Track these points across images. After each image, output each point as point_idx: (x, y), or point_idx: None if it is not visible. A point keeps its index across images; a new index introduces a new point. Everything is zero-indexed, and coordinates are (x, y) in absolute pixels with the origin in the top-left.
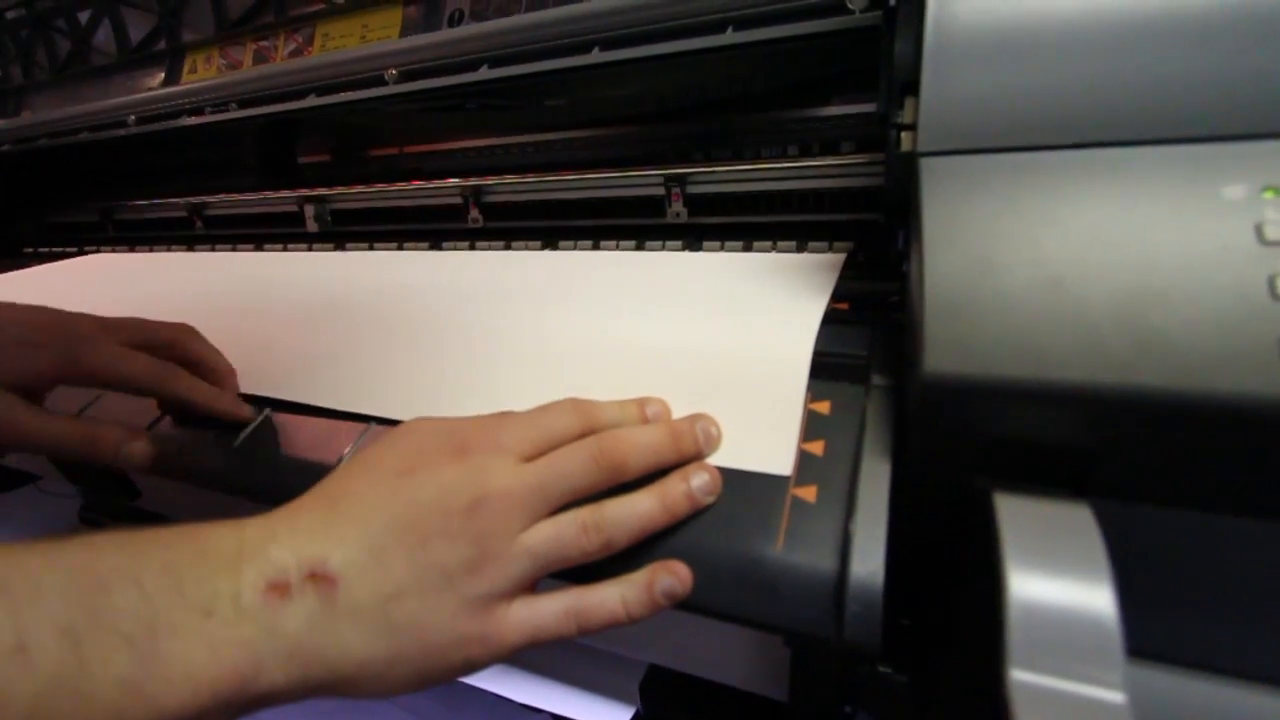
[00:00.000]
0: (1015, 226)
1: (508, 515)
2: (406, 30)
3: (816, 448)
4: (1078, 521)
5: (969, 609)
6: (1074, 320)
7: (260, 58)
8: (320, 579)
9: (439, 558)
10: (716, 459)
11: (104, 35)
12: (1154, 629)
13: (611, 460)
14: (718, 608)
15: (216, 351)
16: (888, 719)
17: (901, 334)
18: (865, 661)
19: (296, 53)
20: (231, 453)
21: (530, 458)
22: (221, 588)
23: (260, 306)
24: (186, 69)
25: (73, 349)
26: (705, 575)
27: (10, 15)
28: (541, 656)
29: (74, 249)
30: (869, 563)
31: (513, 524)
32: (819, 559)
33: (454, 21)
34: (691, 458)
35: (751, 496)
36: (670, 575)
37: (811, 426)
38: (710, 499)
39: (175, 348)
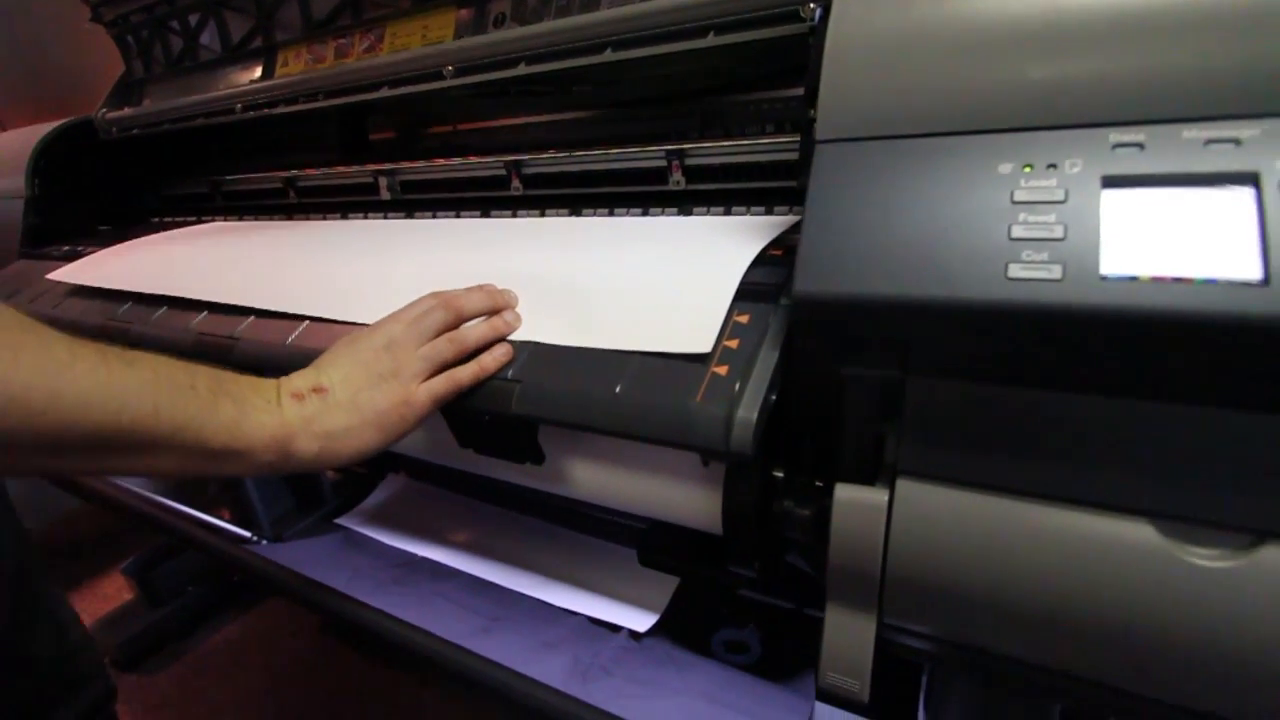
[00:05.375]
0: (863, 191)
1: (405, 344)
2: (459, 31)
3: (734, 344)
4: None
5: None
6: (892, 255)
7: (340, 53)
8: (319, 390)
9: (375, 370)
10: (664, 346)
11: (209, 35)
12: (939, 458)
13: (452, 306)
14: (660, 436)
15: None
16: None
17: None
18: (738, 462)
19: (370, 49)
20: None
21: (413, 321)
22: (270, 396)
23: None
24: (280, 63)
25: None
26: (653, 418)
27: (134, 19)
28: (579, 566)
29: (192, 218)
30: (748, 410)
31: (410, 347)
32: (720, 407)
33: (498, 23)
34: (504, 307)
35: (685, 371)
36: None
37: (734, 330)
38: (513, 327)
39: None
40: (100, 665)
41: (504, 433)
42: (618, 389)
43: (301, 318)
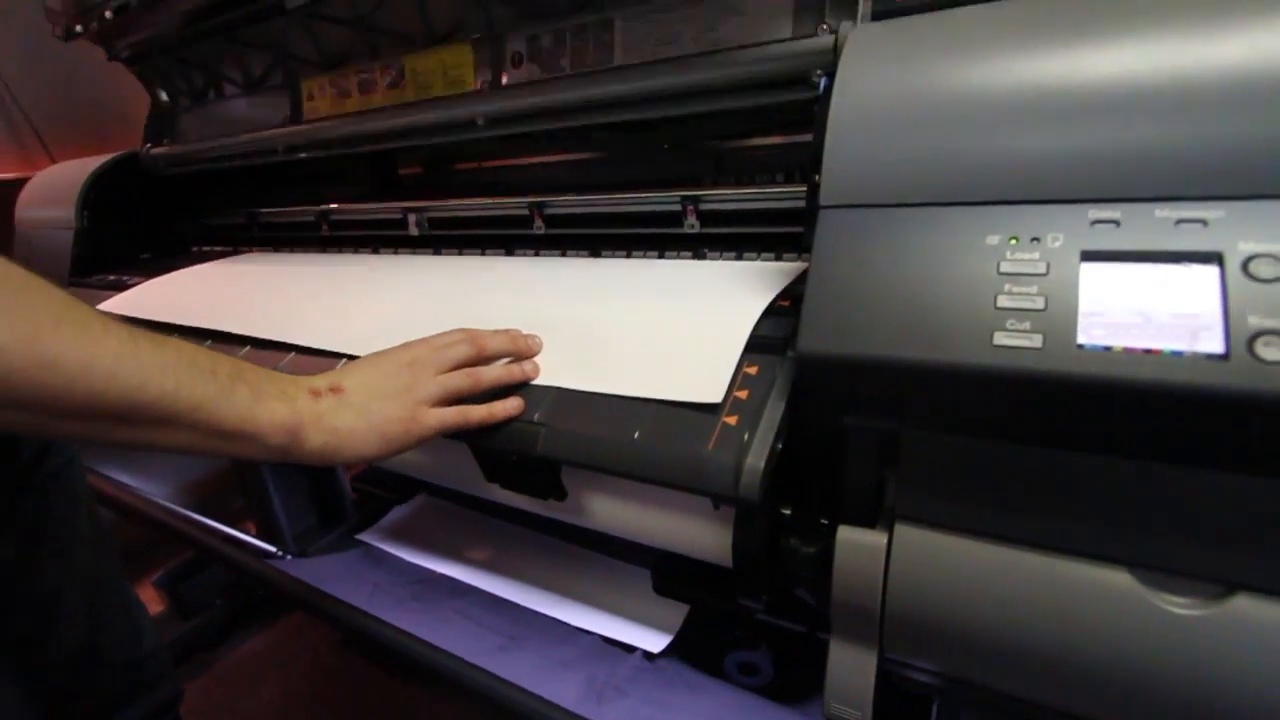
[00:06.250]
0: (863, 256)
1: (425, 367)
2: (478, 67)
3: (743, 395)
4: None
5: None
6: (888, 318)
7: (364, 88)
8: (336, 389)
9: (392, 383)
10: (679, 395)
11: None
12: (934, 505)
13: (477, 343)
14: (675, 481)
15: None
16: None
17: None
18: (752, 513)
19: (394, 84)
20: None
21: (437, 348)
22: (288, 389)
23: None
24: (305, 94)
25: None
26: (669, 464)
27: (152, 58)
28: (593, 586)
29: (230, 248)
30: (756, 457)
31: (428, 371)
32: (730, 456)
33: (515, 62)
34: (526, 353)
35: (698, 420)
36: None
37: (744, 381)
38: (530, 377)
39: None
40: (170, 668)
41: (529, 471)
42: (636, 435)
43: (339, 355)
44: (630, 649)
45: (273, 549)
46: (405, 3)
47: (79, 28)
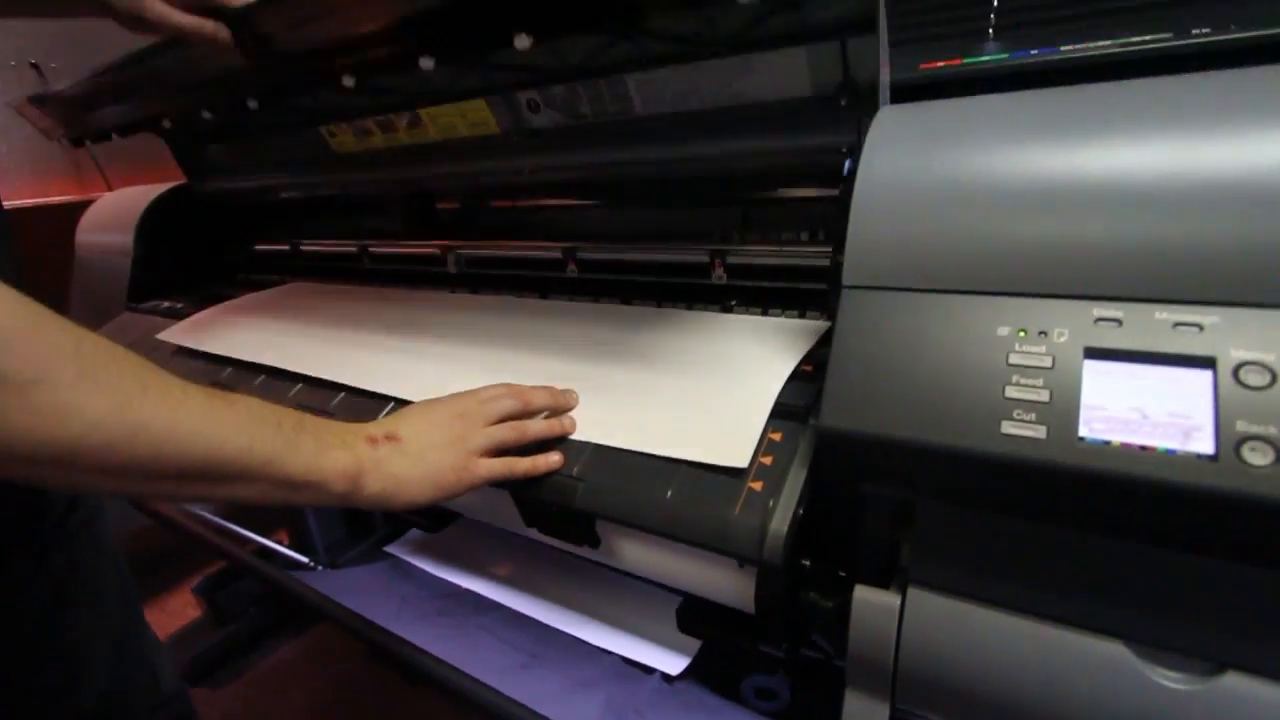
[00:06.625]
0: (882, 337)
1: (475, 419)
2: (497, 116)
3: (768, 460)
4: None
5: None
6: (904, 400)
7: (385, 128)
8: (393, 437)
9: (444, 433)
10: (708, 458)
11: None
12: (945, 572)
13: (522, 398)
14: (704, 541)
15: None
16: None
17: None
18: (775, 575)
19: (413, 124)
20: None
21: (485, 401)
22: (347, 438)
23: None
24: (325, 133)
25: None
26: (698, 524)
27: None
28: (614, 606)
29: (276, 276)
30: (779, 522)
31: (477, 422)
32: (755, 520)
33: (532, 108)
34: (564, 408)
35: (726, 484)
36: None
37: (769, 447)
38: (569, 431)
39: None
40: (189, 710)
41: (566, 521)
42: (668, 494)
43: (387, 398)
44: (649, 670)
45: (306, 560)
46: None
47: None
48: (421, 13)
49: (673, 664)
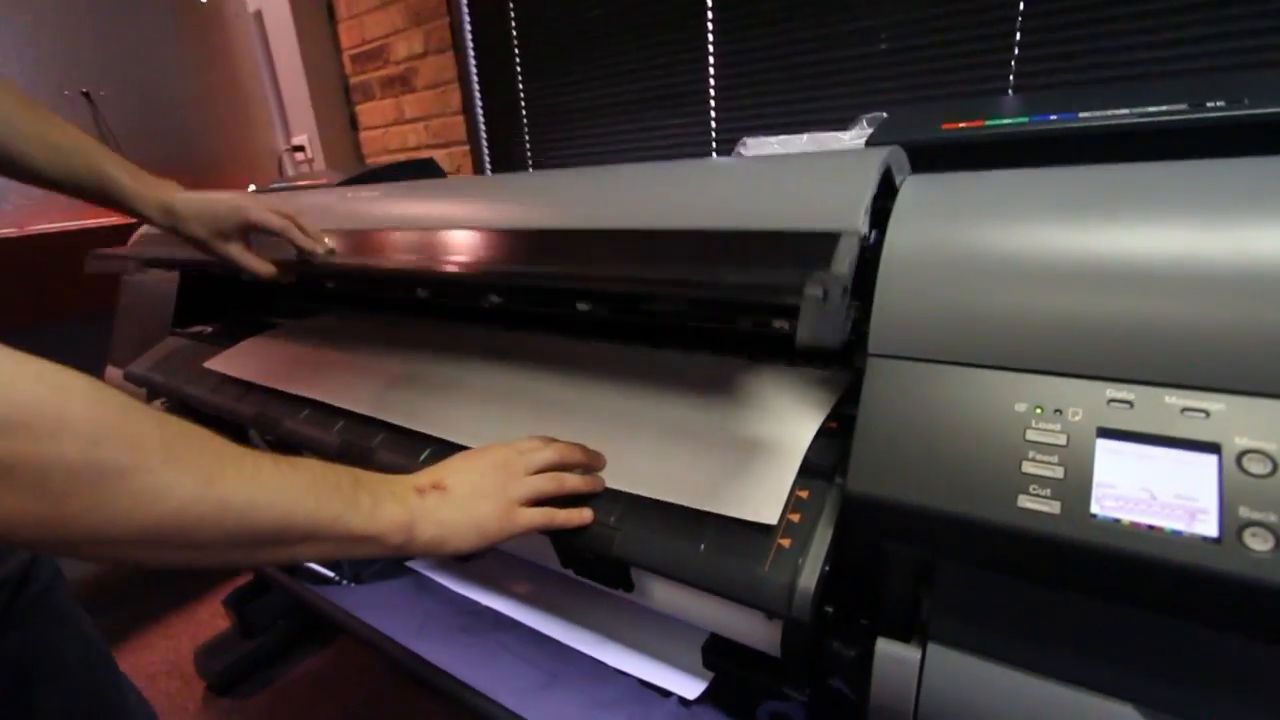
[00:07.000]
0: (906, 407)
1: (516, 469)
2: None
3: (796, 518)
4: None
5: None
6: (926, 469)
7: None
8: (439, 487)
9: (488, 483)
10: (739, 513)
11: None
12: (963, 630)
13: (560, 451)
14: (735, 595)
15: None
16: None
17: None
18: (802, 628)
19: None
20: None
21: (525, 452)
22: (397, 490)
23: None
24: None
25: None
26: (729, 578)
27: None
28: (632, 628)
29: (313, 304)
30: (807, 579)
31: (519, 474)
32: (784, 576)
33: None
34: (596, 466)
35: (756, 539)
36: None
37: (796, 504)
38: (600, 487)
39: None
40: None
41: (603, 566)
42: (701, 547)
43: (428, 438)
44: (667, 694)
45: (331, 574)
46: None
47: None
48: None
49: (690, 688)
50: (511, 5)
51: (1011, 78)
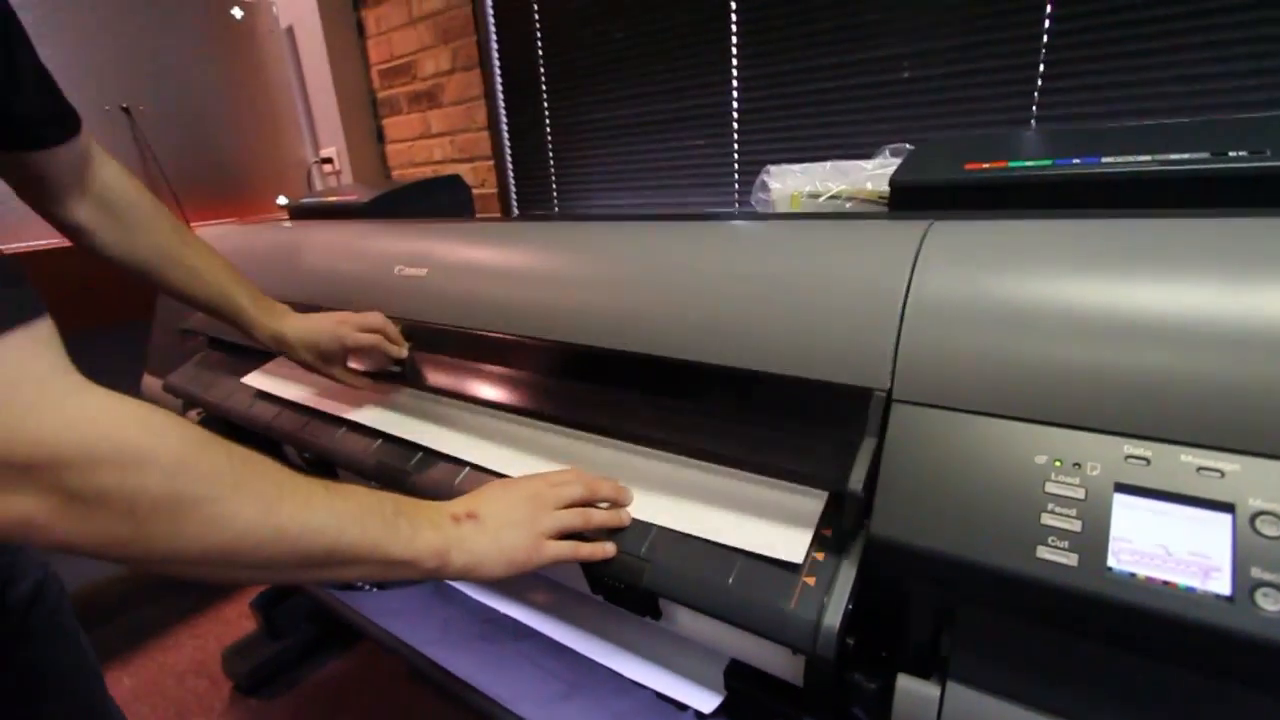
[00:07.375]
0: (929, 453)
1: (545, 502)
2: None
3: (820, 556)
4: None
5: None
6: (948, 516)
7: None
8: (473, 516)
9: (518, 513)
10: (765, 550)
11: None
12: (981, 670)
13: (589, 486)
14: (761, 630)
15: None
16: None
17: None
18: (825, 664)
19: None
20: None
21: (554, 485)
22: (433, 516)
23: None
24: None
25: None
26: (757, 613)
27: None
28: (650, 641)
29: None
30: (831, 618)
31: (548, 506)
32: (809, 613)
33: None
34: (623, 502)
35: (782, 576)
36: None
37: (821, 543)
38: (626, 522)
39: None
40: None
41: (633, 595)
42: (730, 581)
43: (462, 463)
44: (683, 707)
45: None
46: None
47: None
48: None
49: (706, 702)
50: (538, 25)
51: (1034, 108)
